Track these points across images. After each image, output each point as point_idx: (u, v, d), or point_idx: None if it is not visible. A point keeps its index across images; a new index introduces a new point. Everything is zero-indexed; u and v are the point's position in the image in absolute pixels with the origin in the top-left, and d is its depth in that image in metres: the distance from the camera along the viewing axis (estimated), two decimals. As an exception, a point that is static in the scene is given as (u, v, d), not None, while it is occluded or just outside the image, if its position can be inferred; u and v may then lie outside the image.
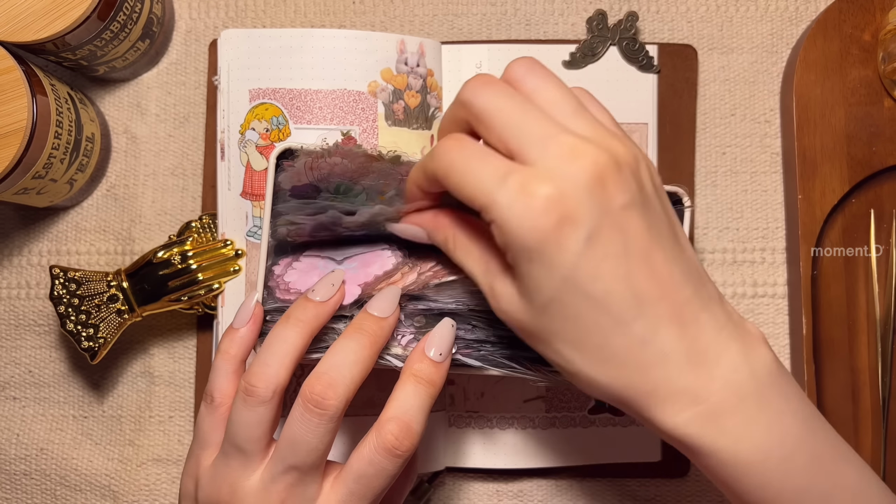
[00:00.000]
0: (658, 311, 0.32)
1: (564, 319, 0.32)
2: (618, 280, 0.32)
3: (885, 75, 0.48)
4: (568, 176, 0.31)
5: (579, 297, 0.32)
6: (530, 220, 0.31)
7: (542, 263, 0.31)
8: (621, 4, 0.51)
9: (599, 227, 0.31)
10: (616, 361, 0.33)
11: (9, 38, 0.43)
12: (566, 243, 0.31)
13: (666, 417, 0.33)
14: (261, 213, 0.47)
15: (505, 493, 0.51)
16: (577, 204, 0.31)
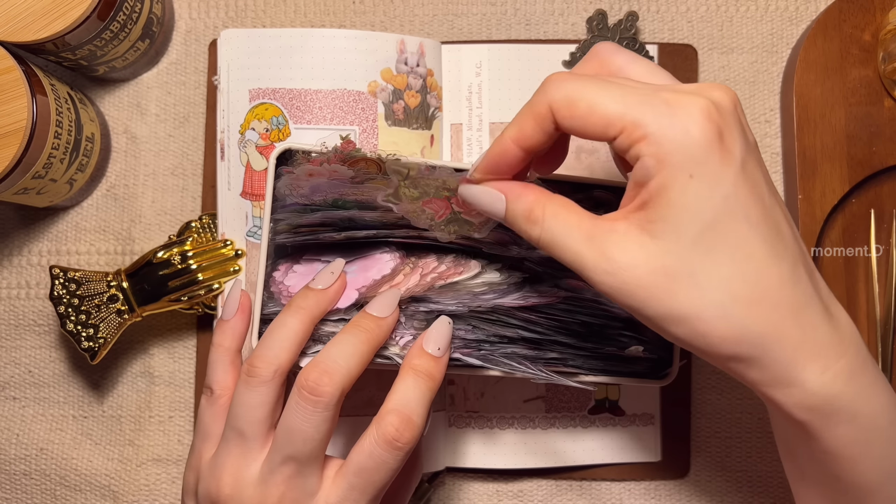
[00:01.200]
0: (797, 251, 0.31)
1: (720, 249, 0.29)
2: (766, 209, 0.30)
3: (885, 75, 0.48)
4: (713, 98, 0.30)
5: (739, 219, 0.29)
6: (697, 129, 0.29)
7: (705, 177, 0.29)
8: (621, 4, 0.51)
9: (746, 152, 0.30)
10: (770, 302, 0.30)
11: (9, 38, 0.43)
12: (728, 158, 0.29)
13: (813, 375, 0.30)
14: (261, 213, 0.47)
15: (505, 493, 0.51)
16: (729, 123, 0.30)
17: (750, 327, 0.30)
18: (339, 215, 0.40)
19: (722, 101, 0.30)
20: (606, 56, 0.33)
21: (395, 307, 0.38)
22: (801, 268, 0.31)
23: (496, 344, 0.40)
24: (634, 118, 0.29)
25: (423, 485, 0.50)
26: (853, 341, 0.31)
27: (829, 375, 0.30)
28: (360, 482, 0.35)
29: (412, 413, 0.35)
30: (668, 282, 0.30)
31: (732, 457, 0.51)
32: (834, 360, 0.30)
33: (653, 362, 0.43)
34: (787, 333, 0.30)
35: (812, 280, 0.31)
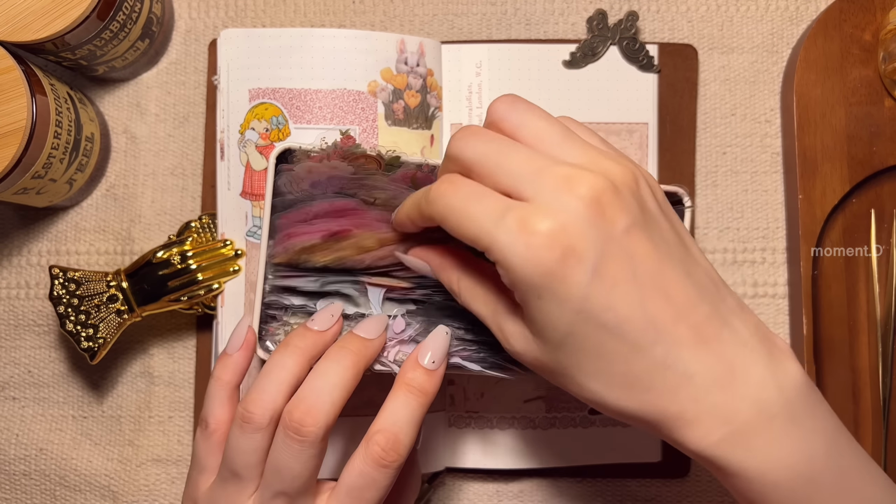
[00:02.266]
0: (676, 333, 0.32)
1: (582, 353, 0.32)
2: (631, 307, 0.31)
3: (885, 75, 0.48)
4: (566, 208, 0.30)
5: (594, 328, 0.31)
6: (534, 258, 0.30)
7: (551, 299, 0.31)
8: (621, 4, 0.51)
9: (605, 256, 0.31)
10: (641, 387, 0.32)
11: (8, 37, 0.43)
12: (573, 276, 0.30)
13: (694, 440, 0.32)
14: (260, 213, 0.47)
15: (505, 493, 0.51)
16: (579, 235, 0.30)
17: (626, 407, 0.33)
18: None
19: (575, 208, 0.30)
20: (503, 116, 0.34)
21: (382, 329, 0.39)
22: (679, 349, 0.32)
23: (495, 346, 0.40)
24: (487, 243, 0.31)
25: (423, 485, 0.50)
26: (754, 403, 0.32)
27: (711, 440, 0.32)
28: (352, 501, 0.35)
29: (400, 431, 0.35)
30: (549, 372, 0.34)
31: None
32: (717, 427, 0.32)
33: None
34: (664, 409, 0.32)
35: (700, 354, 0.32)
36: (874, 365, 0.49)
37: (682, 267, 0.33)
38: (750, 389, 0.32)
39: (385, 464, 0.35)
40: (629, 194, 0.32)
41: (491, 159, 0.32)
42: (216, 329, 0.47)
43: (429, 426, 0.49)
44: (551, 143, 0.33)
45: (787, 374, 0.33)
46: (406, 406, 0.36)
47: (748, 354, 0.32)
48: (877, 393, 0.49)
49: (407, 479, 0.42)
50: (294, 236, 0.41)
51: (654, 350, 0.31)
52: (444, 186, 0.33)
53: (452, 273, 0.37)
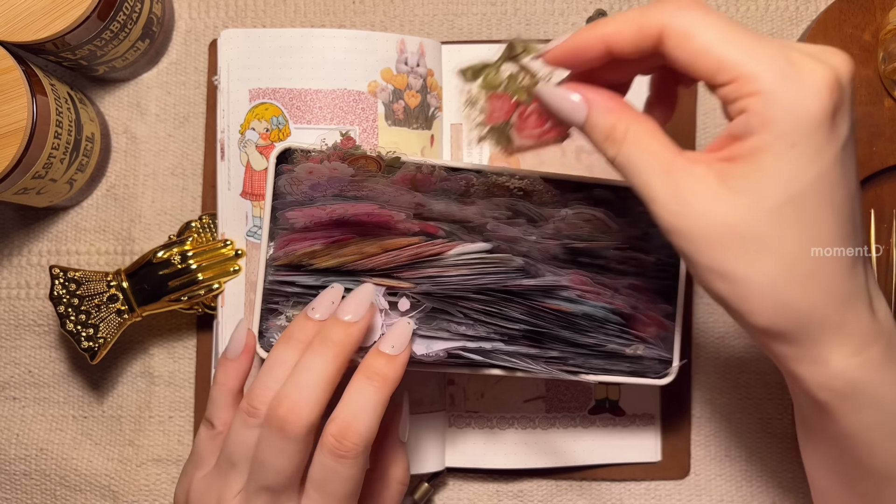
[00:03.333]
0: (859, 243, 0.31)
1: (796, 224, 0.29)
2: (849, 198, 0.29)
3: (885, 75, 0.48)
4: (836, 67, 0.28)
5: (825, 199, 0.28)
6: (814, 100, 0.27)
7: (807, 151, 0.28)
8: (621, 4, 0.51)
9: (849, 134, 0.29)
10: (823, 285, 0.29)
11: (9, 38, 0.43)
12: (834, 136, 0.28)
13: (840, 357, 0.30)
14: (261, 213, 0.47)
15: (505, 493, 0.51)
16: (845, 100, 0.28)
17: (794, 304, 0.29)
18: None
19: (843, 74, 0.29)
20: None
21: (367, 307, 0.38)
22: (860, 259, 0.31)
23: (496, 342, 0.40)
24: (752, 71, 0.28)
25: (423, 485, 0.50)
26: (887, 332, 0.31)
27: (858, 360, 0.30)
28: (322, 496, 0.36)
29: (354, 420, 0.35)
30: (732, 240, 0.29)
31: (732, 457, 0.51)
32: (866, 347, 0.30)
33: (653, 362, 0.43)
34: (829, 317, 0.30)
35: (867, 271, 0.31)
36: (874, 365, 0.49)
37: None
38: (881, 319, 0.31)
39: (341, 453, 0.35)
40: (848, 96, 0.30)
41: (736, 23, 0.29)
42: (216, 329, 0.47)
43: (429, 426, 0.49)
44: None
45: None
46: (361, 393, 0.36)
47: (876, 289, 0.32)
48: (877, 393, 0.49)
49: (389, 472, 0.42)
50: (295, 242, 0.41)
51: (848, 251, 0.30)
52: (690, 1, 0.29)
53: (621, 118, 0.31)
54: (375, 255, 0.40)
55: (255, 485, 0.36)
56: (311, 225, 0.40)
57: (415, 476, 0.49)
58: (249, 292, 0.47)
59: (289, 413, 0.35)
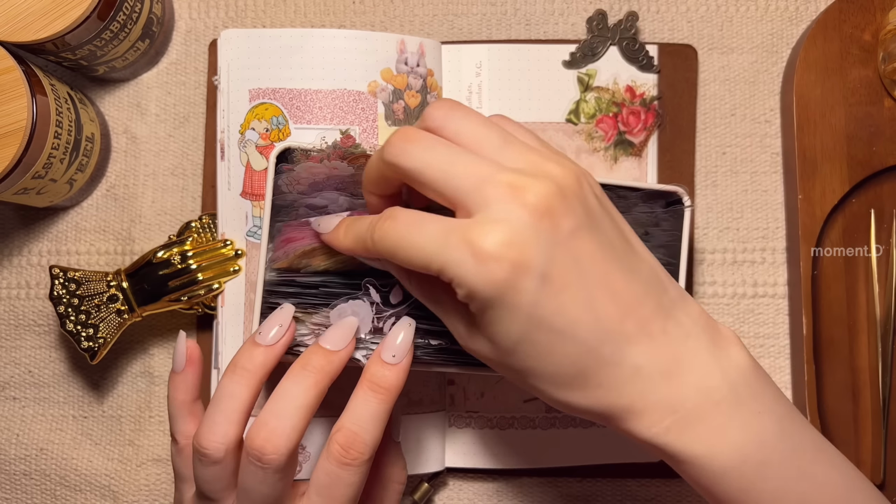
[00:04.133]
0: (623, 330, 0.32)
1: (535, 357, 0.33)
2: (580, 309, 0.32)
3: (885, 75, 0.48)
4: (511, 217, 0.31)
5: (545, 333, 0.32)
6: (484, 274, 0.31)
7: (504, 308, 0.32)
8: (621, 4, 0.51)
9: (552, 261, 0.31)
10: (591, 385, 0.33)
11: (9, 38, 0.43)
12: (522, 286, 0.31)
13: (643, 429, 0.33)
14: (261, 213, 0.47)
15: (505, 494, 0.51)
16: (526, 245, 0.31)
17: (577, 404, 0.34)
18: None
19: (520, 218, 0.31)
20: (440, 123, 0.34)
21: (350, 338, 0.38)
22: (627, 345, 0.33)
23: None
24: (439, 267, 0.32)
25: (423, 485, 0.50)
26: (699, 390, 0.33)
27: (658, 429, 0.33)
28: (323, 500, 0.36)
29: (360, 430, 0.36)
30: (509, 373, 0.35)
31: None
32: (664, 417, 0.33)
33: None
34: (612, 404, 0.33)
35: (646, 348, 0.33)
36: (874, 365, 0.49)
37: (626, 264, 0.33)
38: (694, 378, 0.33)
39: (346, 462, 0.35)
40: (573, 197, 0.32)
41: (432, 168, 0.33)
42: (216, 329, 0.47)
43: (429, 426, 0.49)
44: (492, 147, 0.33)
45: (730, 360, 0.34)
46: (366, 404, 0.36)
47: (692, 344, 0.33)
48: (877, 393, 0.49)
49: (386, 472, 0.42)
50: (294, 240, 0.41)
51: (602, 349, 0.32)
52: (386, 224, 0.34)
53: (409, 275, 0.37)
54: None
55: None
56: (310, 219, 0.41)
57: (415, 476, 0.49)
58: (249, 292, 0.47)
59: (265, 443, 0.34)
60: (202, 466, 0.36)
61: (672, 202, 0.43)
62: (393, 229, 0.33)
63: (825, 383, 0.48)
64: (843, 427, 0.48)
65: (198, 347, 0.41)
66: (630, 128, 0.48)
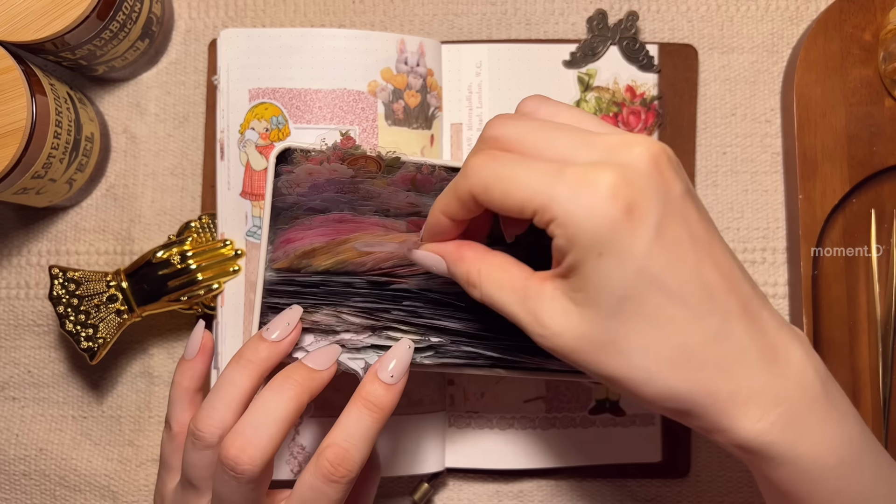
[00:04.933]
0: (729, 304, 0.31)
1: (638, 318, 0.30)
2: (690, 270, 0.30)
3: (885, 75, 0.48)
4: (626, 163, 0.30)
5: (654, 289, 0.30)
6: (599, 209, 0.29)
7: (614, 255, 0.29)
8: (622, 4, 0.51)
9: (665, 215, 0.30)
10: (695, 362, 0.30)
11: (8, 37, 0.43)
12: (638, 231, 0.29)
13: (748, 424, 0.31)
14: (260, 213, 0.47)
15: (505, 493, 0.51)
16: (642, 191, 0.29)
17: (676, 388, 0.31)
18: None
19: (635, 164, 0.30)
20: (534, 109, 0.34)
21: (333, 361, 0.38)
22: (732, 321, 0.31)
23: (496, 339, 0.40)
24: (542, 202, 0.30)
25: (423, 485, 0.50)
26: (800, 381, 0.31)
27: (764, 424, 0.31)
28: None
29: (351, 447, 0.35)
30: (594, 348, 0.31)
31: (732, 457, 0.51)
32: (770, 409, 0.31)
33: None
34: (717, 388, 0.31)
35: (750, 326, 0.31)
36: (874, 365, 0.49)
37: (724, 243, 0.32)
38: (793, 370, 0.31)
39: (334, 479, 0.35)
40: (677, 164, 0.31)
41: (536, 133, 0.32)
42: (216, 329, 0.47)
43: (429, 426, 0.49)
44: (590, 125, 0.32)
45: (817, 357, 0.32)
46: (359, 422, 0.36)
47: (786, 335, 0.32)
48: (877, 393, 0.49)
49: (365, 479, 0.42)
50: (294, 241, 0.41)
51: (710, 320, 0.30)
52: (483, 157, 0.32)
53: (472, 264, 0.34)
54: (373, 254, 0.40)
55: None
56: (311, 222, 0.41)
57: (415, 476, 0.49)
58: (249, 292, 0.47)
59: (240, 453, 0.34)
60: (194, 450, 0.36)
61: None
62: (494, 162, 0.31)
63: (825, 383, 0.48)
64: (844, 427, 0.48)
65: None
66: (630, 127, 0.48)
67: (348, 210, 0.41)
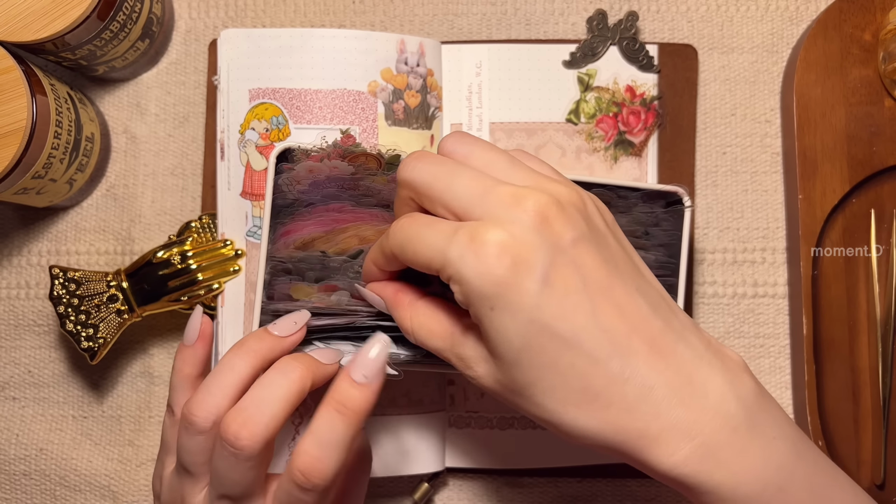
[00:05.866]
0: (632, 345, 0.31)
1: (539, 368, 0.31)
2: (584, 316, 0.31)
3: (885, 75, 0.48)
4: (513, 220, 0.31)
5: (548, 338, 0.31)
6: (485, 268, 0.31)
7: (504, 310, 0.31)
8: (621, 4, 0.51)
9: (554, 265, 0.31)
10: (601, 403, 0.31)
11: (8, 37, 0.43)
12: (524, 284, 0.30)
13: (661, 458, 0.32)
14: (260, 213, 0.47)
15: (505, 494, 0.51)
16: (528, 244, 0.31)
17: (587, 426, 0.32)
18: None
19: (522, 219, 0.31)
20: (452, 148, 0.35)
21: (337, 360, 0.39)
22: (636, 361, 0.31)
23: None
24: (441, 261, 0.32)
25: (423, 485, 0.50)
26: (719, 412, 0.32)
27: (677, 458, 0.31)
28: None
29: (323, 455, 0.34)
30: (509, 392, 0.33)
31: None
32: (682, 443, 0.31)
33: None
34: (625, 427, 0.31)
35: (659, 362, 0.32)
36: (874, 365, 0.49)
37: (632, 283, 0.33)
38: (710, 401, 0.32)
39: (306, 487, 0.34)
40: (575, 211, 0.32)
41: (441, 181, 0.33)
42: (216, 329, 0.47)
43: (429, 426, 0.49)
44: (499, 168, 0.34)
45: (744, 385, 0.33)
46: (332, 428, 0.34)
47: (705, 367, 0.32)
48: (877, 393, 0.49)
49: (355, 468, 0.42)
50: (293, 232, 0.41)
51: (610, 363, 0.31)
52: (402, 221, 0.34)
53: (405, 310, 0.36)
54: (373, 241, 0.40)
55: (216, 492, 0.36)
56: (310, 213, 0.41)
57: (415, 476, 0.49)
58: (249, 292, 0.47)
59: (241, 428, 0.34)
60: (187, 436, 0.36)
61: (672, 202, 0.43)
62: (407, 225, 0.34)
63: (825, 383, 0.48)
64: (843, 427, 0.48)
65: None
66: (630, 128, 0.48)
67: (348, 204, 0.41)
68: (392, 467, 0.48)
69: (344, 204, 0.41)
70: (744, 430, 0.32)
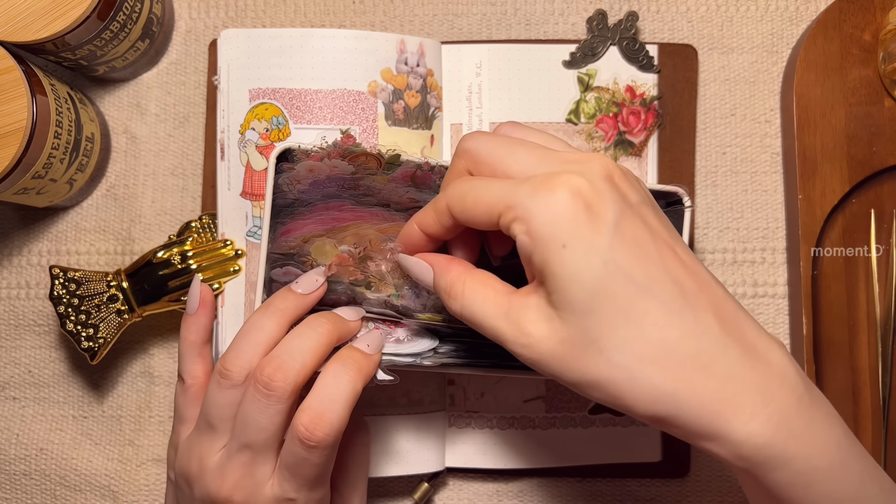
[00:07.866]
0: (700, 302, 0.31)
1: (613, 314, 0.30)
2: (656, 266, 0.30)
3: (885, 75, 0.48)
4: (583, 173, 0.31)
5: (623, 283, 0.30)
6: (558, 205, 0.30)
7: (577, 246, 0.30)
8: (621, 4, 0.51)
9: (623, 216, 0.31)
10: (676, 358, 0.30)
11: (9, 37, 0.43)
12: (598, 225, 0.30)
13: (738, 425, 0.30)
14: (261, 213, 0.47)
15: (505, 494, 0.51)
16: (601, 192, 0.31)
17: (660, 387, 0.30)
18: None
19: (591, 172, 0.31)
20: (509, 130, 0.36)
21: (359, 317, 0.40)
22: (707, 316, 0.31)
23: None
24: (507, 202, 0.31)
25: (423, 485, 0.50)
26: (786, 381, 0.31)
27: (756, 424, 0.30)
28: (292, 476, 0.37)
29: (326, 409, 0.35)
30: (576, 351, 0.31)
31: (732, 457, 0.51)
32: (760, 408, 0.30)
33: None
34: (701, 387, 0.30)
35: (726, 325, 0.31)
36: (874, 365, 0.49)
37: (689, 249, 0.33)
38: (776, 369, 0.31)
39: (311, 444, 0.35)
40: (633, 178, 0.33)
41: (503, 147, 0.34)
42: (216, 329, 0.47)
43: (429, 426, 0.49)
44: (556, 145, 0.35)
45: (796, 363, 0.32)
46: (336, 381, 0.36)
47: (764, 337, 0.32)
48: (877, 393, 0.49)
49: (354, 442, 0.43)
50: (293, 231, 0.41)
51: (685, 315, 0.30)
52: (460, 181, 0.35)
53: (458, 276, 0.35)
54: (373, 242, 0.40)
55: (236, 442, 0.37)
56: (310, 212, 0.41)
57: (415, 476, 0.49)
58: (249, 292, 0.47)
59: (276, 371, 0.36)
60: (219, 390, 0.37)
61: (672, 202, 0.43)
62: (468, 181, 0.34)
63: (825, 383, 0.48)
64: (843, 427, 0.48)
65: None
66: (630, 128, 0.48)
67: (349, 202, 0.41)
68: (392, 467, 0.48)
69: (344, 203, 0.41)
70: (807, 401, 0.31)
